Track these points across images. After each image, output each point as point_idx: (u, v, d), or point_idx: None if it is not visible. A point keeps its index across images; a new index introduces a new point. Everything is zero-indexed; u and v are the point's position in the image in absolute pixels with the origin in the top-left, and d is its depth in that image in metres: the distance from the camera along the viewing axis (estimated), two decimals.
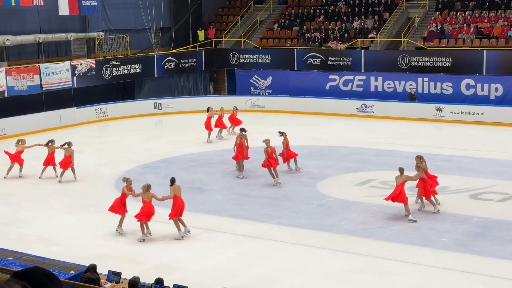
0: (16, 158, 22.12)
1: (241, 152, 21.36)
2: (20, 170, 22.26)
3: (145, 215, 16.02)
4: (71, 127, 31.22)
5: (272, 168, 20.31)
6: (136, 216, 16.06)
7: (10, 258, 12.71)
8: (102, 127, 32.11)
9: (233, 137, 24.06)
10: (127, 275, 11.65)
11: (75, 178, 21.64)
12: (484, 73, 31.30)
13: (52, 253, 13.98)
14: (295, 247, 15.30)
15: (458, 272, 13.64)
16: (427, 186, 17.33)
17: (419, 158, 17.82)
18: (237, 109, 28.87)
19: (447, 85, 32.19)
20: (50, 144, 21.91)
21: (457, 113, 30.53)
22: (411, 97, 31.89)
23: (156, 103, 34.86)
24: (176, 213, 16.20)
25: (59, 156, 21.86)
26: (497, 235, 15.63)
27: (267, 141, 20.37)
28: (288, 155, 21.60)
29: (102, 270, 11.76)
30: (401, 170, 17.15)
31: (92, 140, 28.98)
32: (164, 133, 30.95)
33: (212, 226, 16.84)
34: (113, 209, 16.86)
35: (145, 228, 16.06)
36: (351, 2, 37.88)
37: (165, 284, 10.67)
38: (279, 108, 34.17)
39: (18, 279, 2.62)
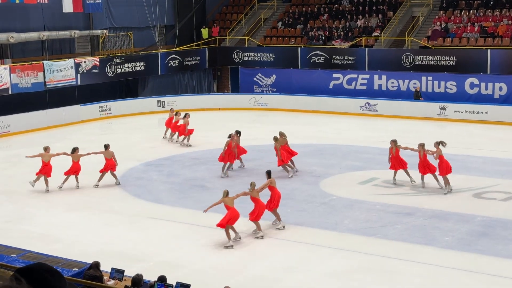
0: (45, 169, 20.33)
1: (232, 154, 21.21)
2: (47, 184, 20.30)
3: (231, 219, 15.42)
4: (74, 125, 31.24)
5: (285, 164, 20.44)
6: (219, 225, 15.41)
7: (13, 255, 12.74)
8: (106, 125, 32.12)
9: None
10: (130, 272, 11.65)
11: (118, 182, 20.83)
12: (488, 72, 31.24)
13: (55, 251, 14.00)
14: (298, 246, 15.29)
15: (461, 271, 13.62)
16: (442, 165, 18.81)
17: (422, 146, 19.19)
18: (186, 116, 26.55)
19: (451, 84, 32.14)
20: (75, 152, 20.64)
21: (461, 112, 30.47)
22: (416, 95, 31.83)
23: (160, 101, 34.86)
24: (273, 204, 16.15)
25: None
26: (500, 234, 15.60)
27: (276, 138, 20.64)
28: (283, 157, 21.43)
29: (105, 267, 11.77)
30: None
31: (95, 137, 28.97)
32: (167, 130, 30.88)
33: (214, 224, 16.81)
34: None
35: (231, 233, 15.46)
36: (355, 0, 37.83)
37: (168, 281, 10.67)
38: (283, 107, 34.15)
39: (22, 275, 2.62)
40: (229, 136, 21.42)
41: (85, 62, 32.52)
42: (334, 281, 13.27)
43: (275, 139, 21.04)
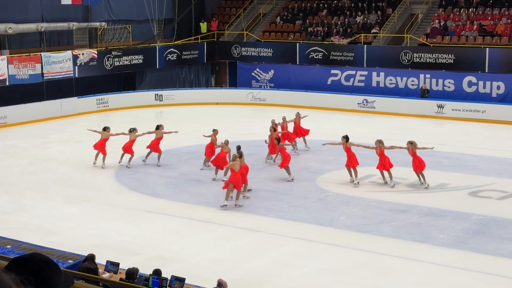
0: (99, 146, 21.79)
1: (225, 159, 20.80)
2: (103, 160, 21.80)
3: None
4: (71, 117, 31.20)
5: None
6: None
7: (8, 246, 12.71)
8: (103, 118, 32.07)
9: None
10: (125, 265, 11.64)
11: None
12: (487, 71, 31.25)
13: (51, 243, 13.97)
14: (294, 241, 15.30)
15: (456, 269, 13.64)
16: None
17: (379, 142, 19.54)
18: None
19: (449, 82, 32.15)
20: (132, 131, 21.92)
21: (458, 110, 30.49)
22: (423, 93, 31.78)
23: (157, 94, 34.83)
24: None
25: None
26: (495, 233, 15.63)
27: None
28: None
29: (101, 260, 11.76)
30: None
31: None
32: (164, 124, 30.84)
33: (211, 219, 16.84)
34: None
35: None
36: None
37: (163, 275, 10.67)
38: (280, 102, 34.10)
39: (17, 265, 2.60)
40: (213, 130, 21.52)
41: (83, 54, 32.45)
42: (329, 277, 13.28)
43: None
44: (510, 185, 19.48)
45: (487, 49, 31.30)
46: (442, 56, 32.22)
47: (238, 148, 18.79)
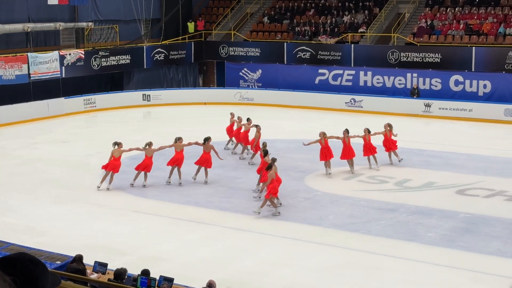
0: (112, 166, 19.43)
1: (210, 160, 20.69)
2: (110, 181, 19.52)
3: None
4: (59, 118, 31.08)
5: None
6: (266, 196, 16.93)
7: None
8: (90, 118, 31.98)
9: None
10: (113, 266, 11.62)
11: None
12: (473, 70, 31.43)
13: (39, 244, 13.91)
14: (282, 241, 15.32)
15: (444, 267, 13.71)
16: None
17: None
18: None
19: (436, 81, 32.29)
20: (147, 147, 19.74)
21: (445, 109, 30.64)
22: (413, 92, 31.91)
23: (145, 94, 34.76)
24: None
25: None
26: (483, 231, 15.72)
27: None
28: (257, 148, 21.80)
29: (89, 260, 11.72)
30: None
31: (80, 130, 28.87)
32: (152, 124, 30.86)
33: (200, 219, 16.84)
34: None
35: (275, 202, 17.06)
36: None
37: (152, 275, 10.65)
38: (268, 102, 34.14)
39: (4, 265, 2.59)
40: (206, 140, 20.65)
41: (70, 54, 32.33)
42: (318, 276, 13.30)
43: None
44: (497, 183, 19.60)
45: (474, 48, 31.47)
46: (429, 55, 32.36)
47: (274, 160, 17.89)
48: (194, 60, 38.35)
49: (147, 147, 19.69)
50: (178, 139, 20.14)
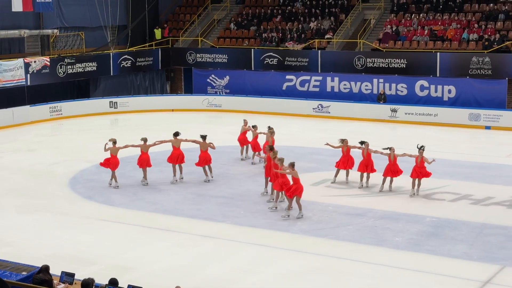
0: (109, 163, 19.91)
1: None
2: (113, 178, 20.10)
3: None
4: (24, 126, 30.72)
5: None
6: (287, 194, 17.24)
7: None
8: (56, 126, 31.67)
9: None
10: (80, 276, 11.50)
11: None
12: (438, 75, 31.86)
13: (4, 254, 13.71)
14: (251, 247, 15.32)
15: (411, 271, 13.84)
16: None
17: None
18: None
19: (402, 86, 32.66)
20: (143, 142, 20.22)
21: (411, 114, 30.99)
22: (380, 98, 32.19)
23: (112, 101, 34.54)
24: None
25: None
26: (449, 234, 15.91)
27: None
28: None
29: (55, 271, 11.58)
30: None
31: (45, 138, 28.58)
32: (120, 132, 30.65)
33: (168, 226, 16.77)
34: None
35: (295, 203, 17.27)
36: (308, 2, 38.12)
37: (120, 284, 10.57)
38: (236, 108, 34.18)
39: None
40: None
41: (35, 62, 31.99)
42: (286, 282, 13.33)
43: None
44: (462, 187, 19.87)
45: (438, 53, 31.90)
46: (394, 60, 32.72)
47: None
48: (161, 67, 38.23)
49: (143, 142, 20.15)
50: (175, 135, 20.56)
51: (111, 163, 20.07)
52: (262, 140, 23.05)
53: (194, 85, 37.72)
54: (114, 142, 20.12)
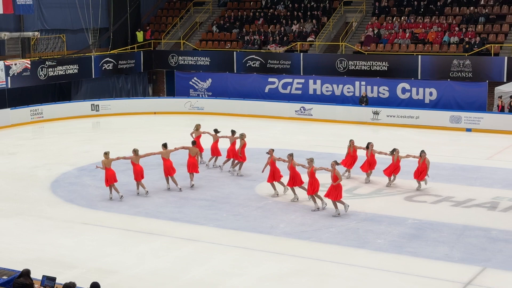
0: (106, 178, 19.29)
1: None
2: (115, 191, 19.36)
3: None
4: (4, 129, 30.49)
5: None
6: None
7: None
8: (37, 129, 31.47)
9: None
10: (62, 279, 11.44)
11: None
12: (419, 78, 32.06)
13: None
14: (233, 250, 15.31)
15: (393, 273, 13.89)
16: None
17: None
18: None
19: (384, 89, 32.82)
20: (134, 154, 19.51)
21: (393, 116, 31.12)
22: (362, 100, 32.31)
23: (94, 104, 34.37)
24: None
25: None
26: (430, 236, 16.00)
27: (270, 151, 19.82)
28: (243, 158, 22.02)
29: (36, 275, 11.51)
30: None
31: (26, 142, 28.38)
32: (101, 135, 30.53)
33: (150, 229, 16.71)
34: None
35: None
36: (290, 5, 38.20)
37: None
38: (218, 111, 34.17)
39: None
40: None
41: (15, 64, 31.77)
42: (268, 285, 13.33)
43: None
44: (444, 189, 20.00)
45: (419, 56, 32.10)
46: (376, 63, 32.88)
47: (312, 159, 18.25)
48: (143, 70, 38.13)
49: (133, 154, 19.56)
50: (164, 146, 20.16)
51: (107, 178, 19.12)
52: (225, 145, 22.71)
53: (176, 87, 37.65)
54: (106, 153, 19.25)
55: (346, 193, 19.63)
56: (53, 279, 11.29)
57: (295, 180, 18.88)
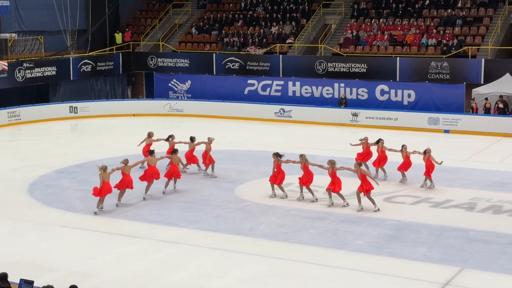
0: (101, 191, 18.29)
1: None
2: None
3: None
4: None
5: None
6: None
7: None
8: (15, 131, 31.19)
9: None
10: (40, 283, 11.33)
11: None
12: (398, 80, 32.28)
13: None
14: (213, 252, 15.28)
15: (373, 274, 13.95)
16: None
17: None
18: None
19: (363, 91, 32.99)
20: (123, 164, 18.74)
21: (372, 118, 31.29)
22: (341, 102, 32.46)
23: (72, 106, 34.16)
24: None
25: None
26: (409, 237, 16.09)
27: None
28: (210, 160, 21.68)
29: (14, 278, 11.39)
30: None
31: (4, 144, 28.13)
32: (80, 137, 30.35)
33: (130, 232, 16.62)
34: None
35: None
36: (269, 8, 38.26)
37: None
38: (198, 113, 34.13)
39: None
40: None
41: None
42: (248, 286, 13.32)
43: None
44: (422, 191, 20.13)
45: (398, 58, 32.32)
46: (355, 65, 33.05)
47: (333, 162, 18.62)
48: (122, 71, 37.97)
49: (123, 164, 18.76)
50: (151, 153, 19.73)
51: (102, 190, 18.16)
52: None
53: (155, 89, 37.55)
54: (105, 169, 18.24)
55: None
56: (31, 282, 11.19)
57: (307, 180, 19.00)
